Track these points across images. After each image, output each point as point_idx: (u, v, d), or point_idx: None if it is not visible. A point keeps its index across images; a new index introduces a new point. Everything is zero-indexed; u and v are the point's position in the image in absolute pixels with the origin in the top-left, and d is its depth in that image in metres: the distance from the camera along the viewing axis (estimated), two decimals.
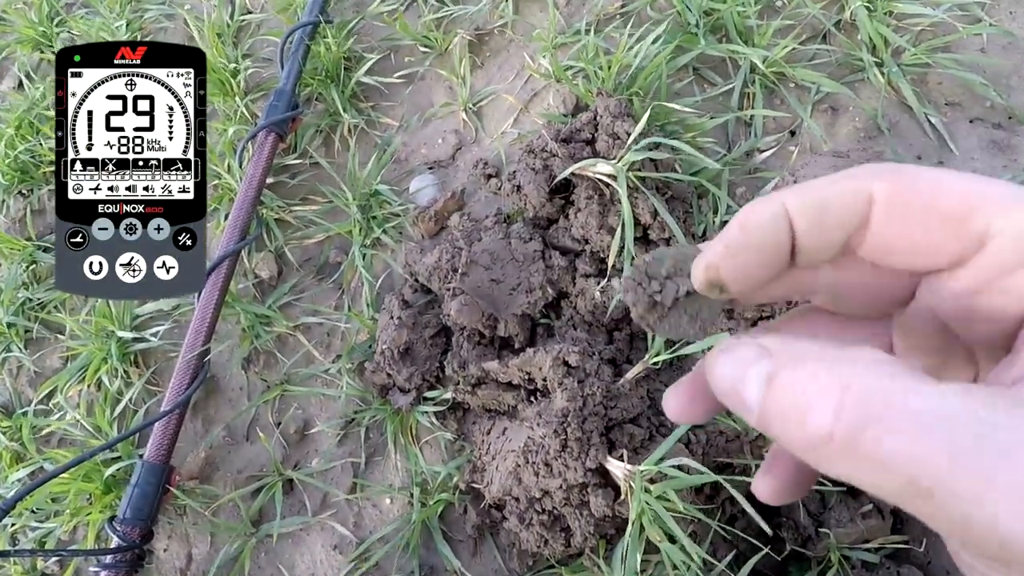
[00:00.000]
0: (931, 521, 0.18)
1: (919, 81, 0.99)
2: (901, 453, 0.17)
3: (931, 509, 0.17)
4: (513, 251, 0.95)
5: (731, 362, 0.22)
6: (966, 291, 0.22)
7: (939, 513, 0.17)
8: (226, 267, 1.05)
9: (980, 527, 0.16)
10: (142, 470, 0.93)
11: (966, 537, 0.17)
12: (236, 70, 1.25)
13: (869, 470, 0.18)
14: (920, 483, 0.17)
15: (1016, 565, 0.17)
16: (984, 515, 0.16)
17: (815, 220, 0.23)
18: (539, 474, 0.78)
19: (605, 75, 1.01)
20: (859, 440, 0.17)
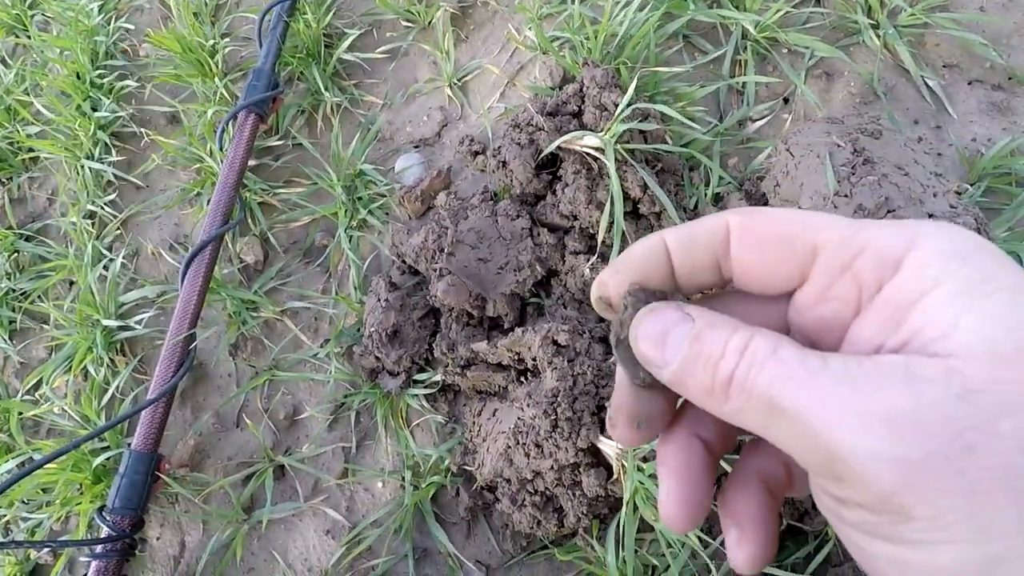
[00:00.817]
0: (787, 443, 0.23)
1: (916, 43, 0.96)
2: (771, 384, 0.23)
3: (785, 431, 0.23)
4: (500, 229, 0.93)
5: (659, 320, 0.27)
6: (811, 302, 0.27)
7: (792, 433, 0.23)
8: (209, 252, 1.03)
9: (820, 441, 0.22)
10: (130, 459, 0.92)
11: (809, 456, 0.22)
12: (214, 49, 1.22)
13: (752, 404, 0.23)
14: (779, 405, 0.23)
15: (846, 479, 0.22)
16: (821, 428, 0.22)
17: (687, 246, 0.29)
18: (530, 455, 0.77)
19: (592, 45, 0.98)
20: (748, 378, 0.24)
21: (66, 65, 1.30)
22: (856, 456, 0.21)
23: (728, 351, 0.24)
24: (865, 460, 0.21)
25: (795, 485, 0.31)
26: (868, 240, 0.25)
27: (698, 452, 0.30)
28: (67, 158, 1.25)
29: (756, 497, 0.30)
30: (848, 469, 0.21)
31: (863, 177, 0.71)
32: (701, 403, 0.26)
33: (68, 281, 1.20)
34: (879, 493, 0.21)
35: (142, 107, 1.28)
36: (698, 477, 0.29)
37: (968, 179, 0.86)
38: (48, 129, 1.28)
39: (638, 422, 0.30)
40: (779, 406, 0.23)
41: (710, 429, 0.31)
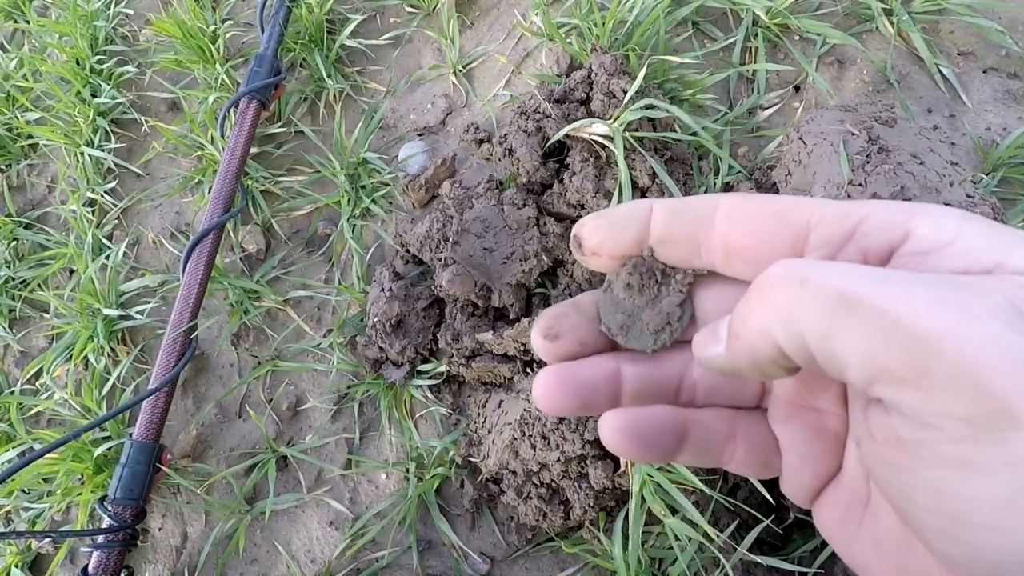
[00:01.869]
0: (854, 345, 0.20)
1: (931, 30, 0.94)
2: (842, 278, 0.21)
3: (857, 328, 0.20)
4: (506, 218, 0.91)
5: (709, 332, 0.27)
6: None
7: (868, 329, 0.20)
8: (210, 241, 1.01)
9: (908, 331, 0.19)
10: (131, 449, 0.91)
11: (887, 354, 0.19)
12: (215, 35, 1.20)
13: (817, 302, 0.21)
14: (853, 296, 0.20)
15: (939, 377, 0.18)
16: (911, 317, 0.19)
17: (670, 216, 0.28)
18: (536, 447, 0.76)
19: (600, 31, 0.96)
20: (812, 276, 0.22)
21: (65, 51, 1.28)
22: (962, 340, 0.18)
23: (780, 264, 0.23)
24: (974, 345, 0.18)
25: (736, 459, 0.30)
26: (869, 210, 0.24)
27: (609, 371, 0.30)
28: (67, 145, 1.23)
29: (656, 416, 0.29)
30: (946, 358, 0.18)
31: (878, 166, 0.70)
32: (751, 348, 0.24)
33: (68, 269, 1.19)
34: (986, 389, 0.18)
35: (142, 93, 1.26)
36: (588, 384, 0.29)
37: (983, 169, 0.85)
38: (47, 116, 1.27)
39: (547, 333, 0.30)
40: (853, 298, 0.20)
41: (639, 370, 0.30)
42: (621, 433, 0.28)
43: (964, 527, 0.19)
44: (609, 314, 0.30)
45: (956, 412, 0.18)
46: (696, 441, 0.29)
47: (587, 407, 0.29)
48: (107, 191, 1.19)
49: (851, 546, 0.27)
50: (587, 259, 0.30)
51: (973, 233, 0.22)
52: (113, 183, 1.20)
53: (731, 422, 0.30)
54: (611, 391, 0.29)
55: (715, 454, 0.30)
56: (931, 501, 0.20)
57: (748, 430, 0.30)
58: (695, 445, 0.29)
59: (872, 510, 0.26)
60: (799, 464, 0.29)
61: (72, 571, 0.98)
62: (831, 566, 0.78)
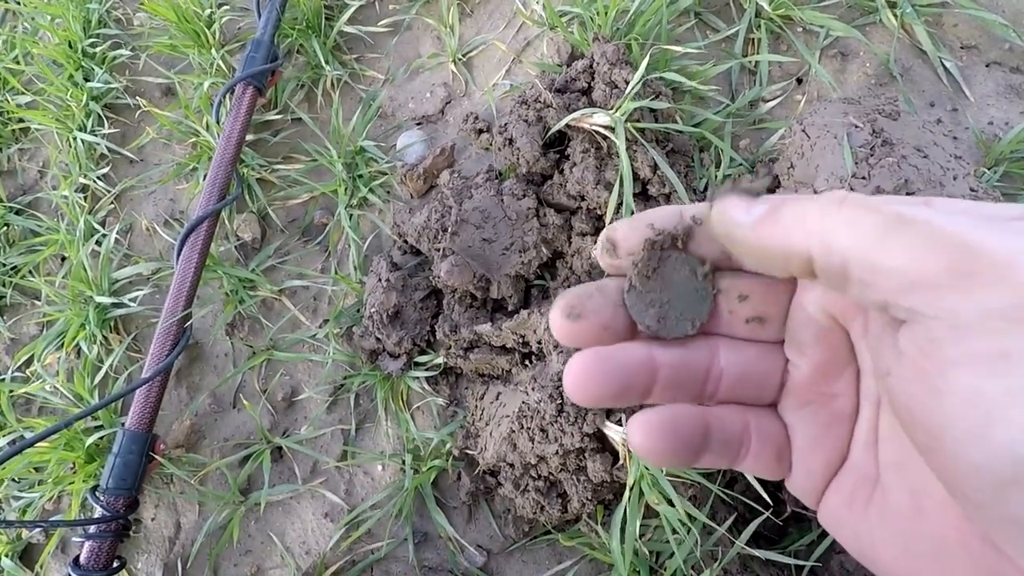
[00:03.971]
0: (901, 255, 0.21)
1: (934, 23, 0.94)
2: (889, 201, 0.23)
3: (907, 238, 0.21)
4: (506, 209, 0.90)
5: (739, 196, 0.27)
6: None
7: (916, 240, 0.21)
8: (205, 229, 1.00)
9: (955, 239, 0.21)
10: (124, 438, 0.90)
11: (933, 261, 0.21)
12: (211, 19, 1.18)
13: (870, 214, 0.22)
14: (905, 215, 0.22)
15: (983, 275, 0.20)
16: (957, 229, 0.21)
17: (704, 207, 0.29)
18: (535, 439, 0.75)
19: (602, 21, 0.95)
20: (860, 198, 0.23)
21: (57, 33, 1.26)
22: (1007, 249, 0.20)
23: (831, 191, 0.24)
24: (1012, 252, 0.20)
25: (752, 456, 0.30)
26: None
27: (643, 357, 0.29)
28: (59, 129, 1.21)
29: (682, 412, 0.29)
30: (989, 263, 0.20)
31: (882, 159, 0.69)
32: (788, 236, 0.25)
33: (60, 256, 1.17)
34: (1022, 289, 0.19)
35: (136, 78, 1.24)
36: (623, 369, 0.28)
37: (985, 163, 0.84)
38: (39, 99, 1.25)
39: (569, 312, 0.29)
40: (905, 215, 0.22)
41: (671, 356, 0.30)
42: (657, 432, 0.28)
43: (996, 423, 0.19)
44: (641, 312, 0.30)
45: (993, 307, 0.19)
46: (717, 439, 0.29)
47: (622, 396, 0.28)
48: (100, 177, 1.17)
49: (857, 530, 0.28)
50: (620, 262, 0.30)
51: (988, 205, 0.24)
52: (106, 169, 1.18)
53: (745, 418, 0.30)
54: (646, 380, 0.29)
55: (732, 453, 0.29)
56: (963, 404, 0.20)
57: (761, 425, 0.30)
58: (716, 443, 0.29)
59: (881, 488, 0.27)
60: (811, 451, 0.29)
61: (63, 561, 0.97)
62: (827, 560, 0.78)
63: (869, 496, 0.27)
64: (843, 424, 0.29)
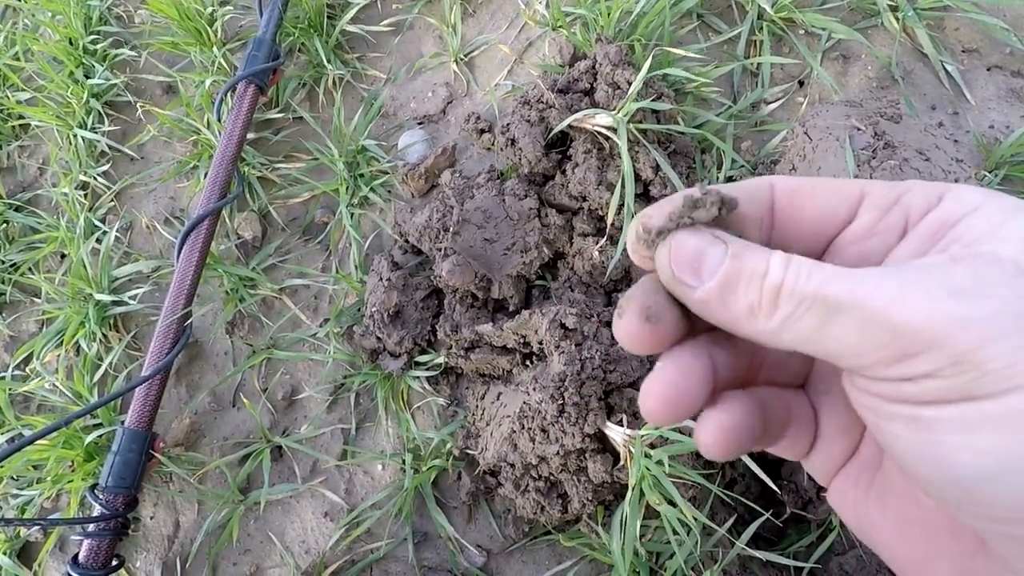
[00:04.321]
0: (844, 340, 0.23)
1: (936, 26, 0.94)
2: (823, 284, 0.24)
3: (843, 326, 0.23)
4: (507, 209, 0.90)
5: (696, 237, 0.27)
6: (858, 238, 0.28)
7: (853, 325, 0.23)
8: (206, 227, 1.00)
9: (887, 322, 0.22)
10: (123, 437, 0.89)
11: (872, 343, 0.23)
12: (213, 17, 1.18)
13: (804, 308, 0.24)
14: (836, 300, 0.23)
15: (917, 352, 0.22)
16: (887, 309, 0.22)
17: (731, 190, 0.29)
18: (535, 440, 0.75)
19: (605, 22, 0.95)
20: (799, 284, 0.24)
21: (58, 30, 1.26)
22: (931, 323, 0.22)
23: (772, 265, 0.25)
24: (940, 325, 0.21)
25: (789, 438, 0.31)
26: (912, 184, 0.27)
27: (705, 358, 0.29)
28: (59, 126, 1.21)
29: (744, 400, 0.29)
30: (921, 340, 0.22)
31: (884, 161, 0.69)
32: (737, 324, 0.26)
33: (59, 253, 1.17)
34: (956, 355, 0.21)
35: (137, 76, 1.24)
36: (698, 375, 0.28)
37: (986, 167, 0.85)
38: (39, 96, 1.24)
39: (648, 314, 0.28)
40: (837, 301, 0.23)
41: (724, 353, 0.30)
42: (731, 434, 0.28)
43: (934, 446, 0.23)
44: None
45: (935, 373, 0.22)
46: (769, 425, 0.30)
47: (697, 410, 0.29)
48: (100, 174, 1.17)
49: (859, 510, 0.29)
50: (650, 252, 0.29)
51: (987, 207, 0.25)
52: (106, 166, 1.18)
53: (786, 400, 0.31)
54: (711, 386, 0.29)
55: (776, 435, 0.30)
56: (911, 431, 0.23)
57: (799, 407, 0.31)
58: (769, 428, 0.30)
59: (882, 472, 0.29)
60: (835, 434, 0.30)
61: (62, 559, 0.97)
62: (827, 561, 0.78)
63: (871, 479, 0.29)
64: None
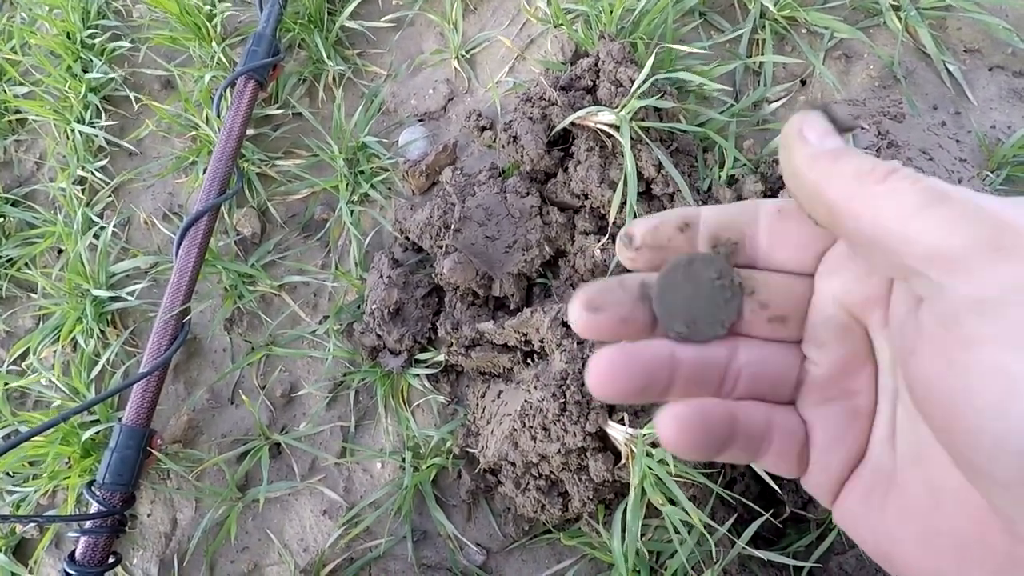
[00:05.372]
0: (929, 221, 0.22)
1: (938, 26, 0.94)
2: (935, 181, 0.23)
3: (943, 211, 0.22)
4: (509, 206, 0.90)
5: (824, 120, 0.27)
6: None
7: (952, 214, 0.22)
8: (205, 223, 0.99)
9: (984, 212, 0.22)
10: (121, 433, 0.89)
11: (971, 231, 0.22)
12: (212, 13, 1.17)
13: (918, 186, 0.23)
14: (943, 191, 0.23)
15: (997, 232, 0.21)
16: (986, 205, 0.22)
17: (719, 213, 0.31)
18: (536, 438, 0.75)
19: (607, 19, 0.95)
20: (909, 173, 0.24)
21: (56, 24, 1.25)
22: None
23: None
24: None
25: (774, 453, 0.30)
26: None
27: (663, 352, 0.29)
28: (56, 121, 1.20)
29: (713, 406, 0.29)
30: (1018, 239, 0.21)
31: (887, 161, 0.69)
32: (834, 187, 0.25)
33: (56, 249, 1.16)
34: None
35: (135, 70, 1.23)
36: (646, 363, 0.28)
37: (988, 167, 0.85)
38: (36, 90, 1.23)
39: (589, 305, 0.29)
40: (946, 192, 0.23)
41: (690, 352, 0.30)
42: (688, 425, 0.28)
43: (1019, 397, 0.19)
44: (670, 319, 0.30)
45: (1019, 282, 0.20)
46: (742, 433, 0.29)
47: (644, 392, 0.28)
48: (98, 169, 1.16)
49: (874, 527, 0.28)
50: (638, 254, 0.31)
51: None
52: (104, 161, 1.17)
53: (767, 414, 0.30)
54: (668, 377, 0.29)
55: (754, 447, 0.29)
56: (985, 378, 0.20)
57: (783, 421, 0.30)
58: (742, 438, 0.29)
59: (898, 484, 0.27)
60: (831, 447, 0.29)
61: (58, 557, 0.96)
62: (827, 561, 0.78)
63: (886, 493, 0.28)
64: (862, 421, 0.29)
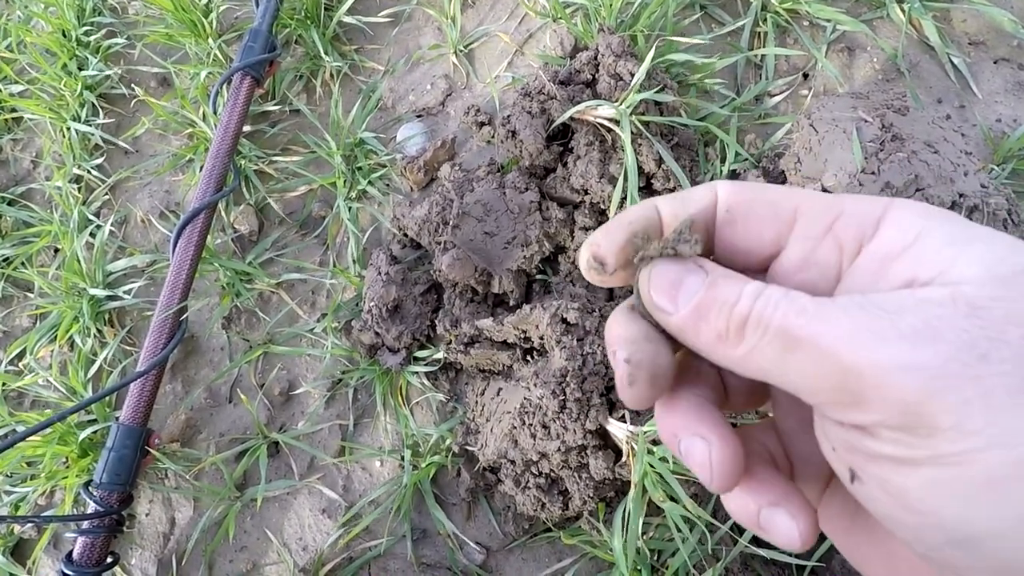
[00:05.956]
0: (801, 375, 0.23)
1: (942, 18, 0.93)
2: (785, 318, 0.24)
3: (799, 362, 0.23)
4: (508, 202, 0.89)
5: (673, 267, 0.27)
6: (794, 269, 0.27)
7: (807, 362, 0.23)
8: (202, 220, 0.98)
9: (838, 363, 0.22)
10: (118, 433, 0.88)
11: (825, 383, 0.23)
12: (208, 8, 1.16)
13: (766, 341, 0.24)
14: (794, 335, 0.23)
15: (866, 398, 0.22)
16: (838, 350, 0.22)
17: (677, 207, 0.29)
18: (536, 436, 0.74)
19: (607, 12, 0.94)
20: (764, 316, 0.24)
21: (51, 21, 1.24)
22: (877, 368, 0.21)
23: (744, 295, 0.25)
24: (886, 371, 0.21)
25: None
26: (846, 204, 0.26)
27: (711, 407, 0.29)
28: (52, 119, 1.19)
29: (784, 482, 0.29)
30: (868, 384, 0.22)
31: (892, 154, 0.68)
32: (709, 350, 0.26)
33: (53, 248, 1.15)
34: (903, 404, 0.21)
35: (131, 67, 1.23)
36: (728, 430, 0.28)
37: (993, 160, 0.84)
38: (32, 88, 1.23)
39: (655, 378, 0.28)
40: (795, 336, 0.23)
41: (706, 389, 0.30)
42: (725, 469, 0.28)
43: (906, 512, 0.22)
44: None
45: (887, 423, 0.22)
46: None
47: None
48: (94, 167, 1.15)
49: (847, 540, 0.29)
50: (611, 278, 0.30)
51: (931, 237, 0.24)
52: (100, 159, 1.17)
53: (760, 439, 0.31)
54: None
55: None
56: (881, 493, 0.23)
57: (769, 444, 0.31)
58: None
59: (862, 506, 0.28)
60: (805, 461, 0.30)
61: (56, 557, 0.96)
62: (829, 560, 0.77)
63: (855, 511, 0.28)
64: None
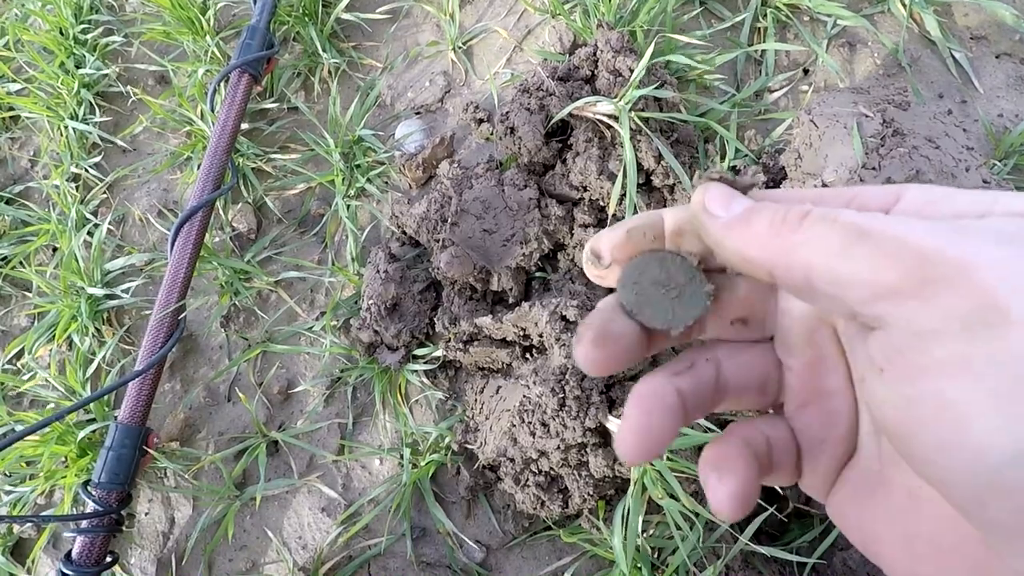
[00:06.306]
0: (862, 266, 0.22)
1: (944, 12, 0.92)
2: (854, 216, 0.23)
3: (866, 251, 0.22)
4: (507, 199, 0.89)
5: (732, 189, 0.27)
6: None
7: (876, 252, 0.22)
8: (199, 219, 0.98)
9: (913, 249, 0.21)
10: (117, 432, 0.88)
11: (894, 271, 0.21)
12: (205, 6, 1.16)
13: (832, 230, 0.23)
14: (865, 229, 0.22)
15: (941, 283, 0.20)
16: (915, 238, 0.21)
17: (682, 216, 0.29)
18: (536, 434, 0.74)
19: (605, 8, 0.93)
20: (828, 214, 0.24)
21: (48, 19, 1.23)
22: (963, 255, 0.20)
23: (800, 203, 0.25)
24: (971, 259, 0.20)
25: (775, 468, 0.30)
26: (859, 191, 0.27)
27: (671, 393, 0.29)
28: (50, 117, 1.19)
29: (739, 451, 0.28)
30: (949, 271, 0.20)
31: (893, 149, 0.68)
32: (753, 245, 0.25)
33: (51, 247, 1.15)
34: (980, 292, 0.19)
35: (129, 65, 1.22)
36: (664, 413, 0.28)
37: (995, 156, 0.83)
38: (29, 87, 1.22)
39: (606, 339, 0.28)
40: (866, 227, 0.22)
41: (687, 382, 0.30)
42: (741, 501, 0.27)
43: (967, 432, 0.19)
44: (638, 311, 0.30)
45: (953, 312, 0.20)
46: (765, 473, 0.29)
47: (669, 441, 0.28)
48: (92, 166, 1.15)
49: (861, 524, 0.28)
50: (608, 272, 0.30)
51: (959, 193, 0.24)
52: (98, 158, 1.16)
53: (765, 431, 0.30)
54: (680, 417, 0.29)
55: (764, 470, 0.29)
56: (933, 413, 0.20)
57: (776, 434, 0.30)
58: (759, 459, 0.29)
59: (884, 484, 0.27)
60: (816, 451, 0.29)
61: (55, 556, 0.95)
62: (830, 556, 0.77)
63: (873, 491, 0.27)
64: (841, 421, 0.28)
